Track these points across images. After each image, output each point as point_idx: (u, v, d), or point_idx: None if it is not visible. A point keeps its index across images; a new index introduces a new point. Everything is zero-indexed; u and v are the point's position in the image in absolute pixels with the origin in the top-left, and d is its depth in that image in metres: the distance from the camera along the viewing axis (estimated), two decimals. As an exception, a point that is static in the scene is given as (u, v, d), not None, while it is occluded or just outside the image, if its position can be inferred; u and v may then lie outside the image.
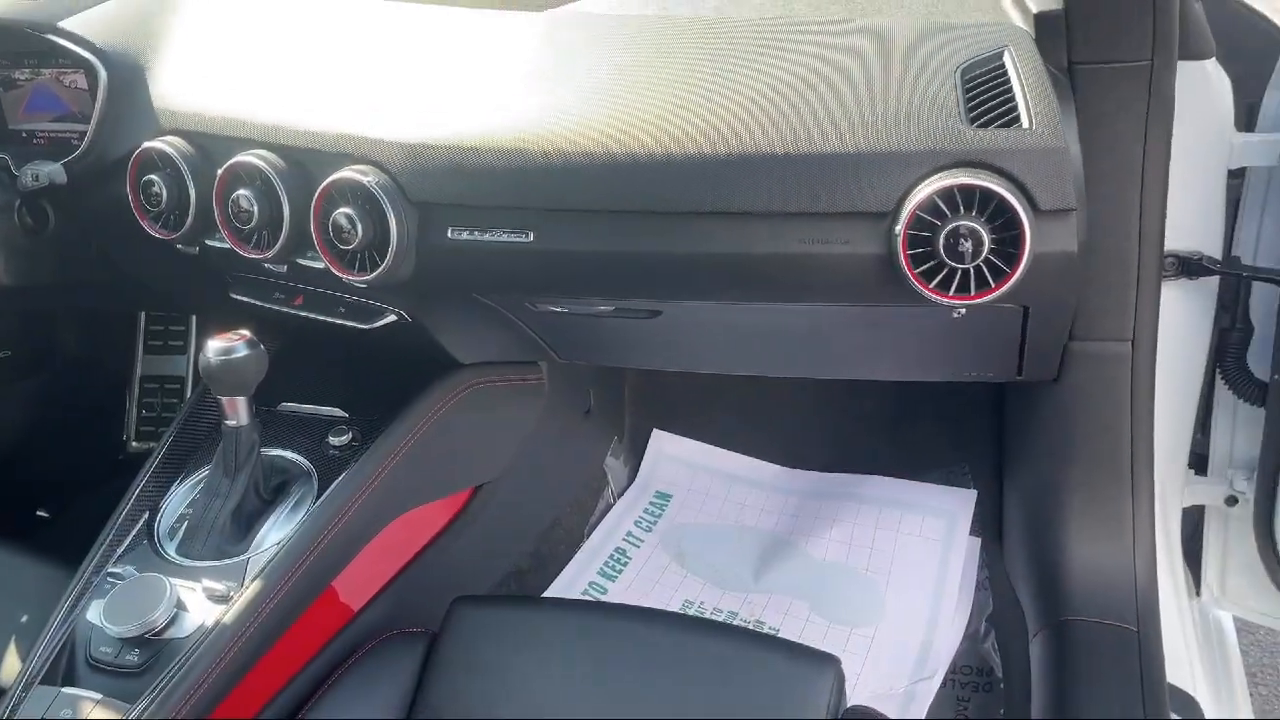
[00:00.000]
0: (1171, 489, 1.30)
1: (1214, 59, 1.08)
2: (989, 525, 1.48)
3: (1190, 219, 1.14)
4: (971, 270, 0.89)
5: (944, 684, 1.37)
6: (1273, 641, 1.76)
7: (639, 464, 1.74)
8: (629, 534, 1.63)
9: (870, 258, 0.92)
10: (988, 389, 1.53)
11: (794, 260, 0.96)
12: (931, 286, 0.90)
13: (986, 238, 0.87)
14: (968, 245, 0.87)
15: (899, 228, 0.89)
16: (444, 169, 1.00)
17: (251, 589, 1.01)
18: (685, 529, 1.63)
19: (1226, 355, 1.23)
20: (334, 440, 1.19)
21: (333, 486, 1.12)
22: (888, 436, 1.67)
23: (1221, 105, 1.10)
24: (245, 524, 1.10)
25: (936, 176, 0.88)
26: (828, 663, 1.01)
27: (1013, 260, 0.88)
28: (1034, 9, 1.00)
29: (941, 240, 0.87)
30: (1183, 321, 1.21)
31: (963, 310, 0.95)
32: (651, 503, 1.69)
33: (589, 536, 1.61)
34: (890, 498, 1.56)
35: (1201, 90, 1.08)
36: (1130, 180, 1.04)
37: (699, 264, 0.99)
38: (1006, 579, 1.40)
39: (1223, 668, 1.37)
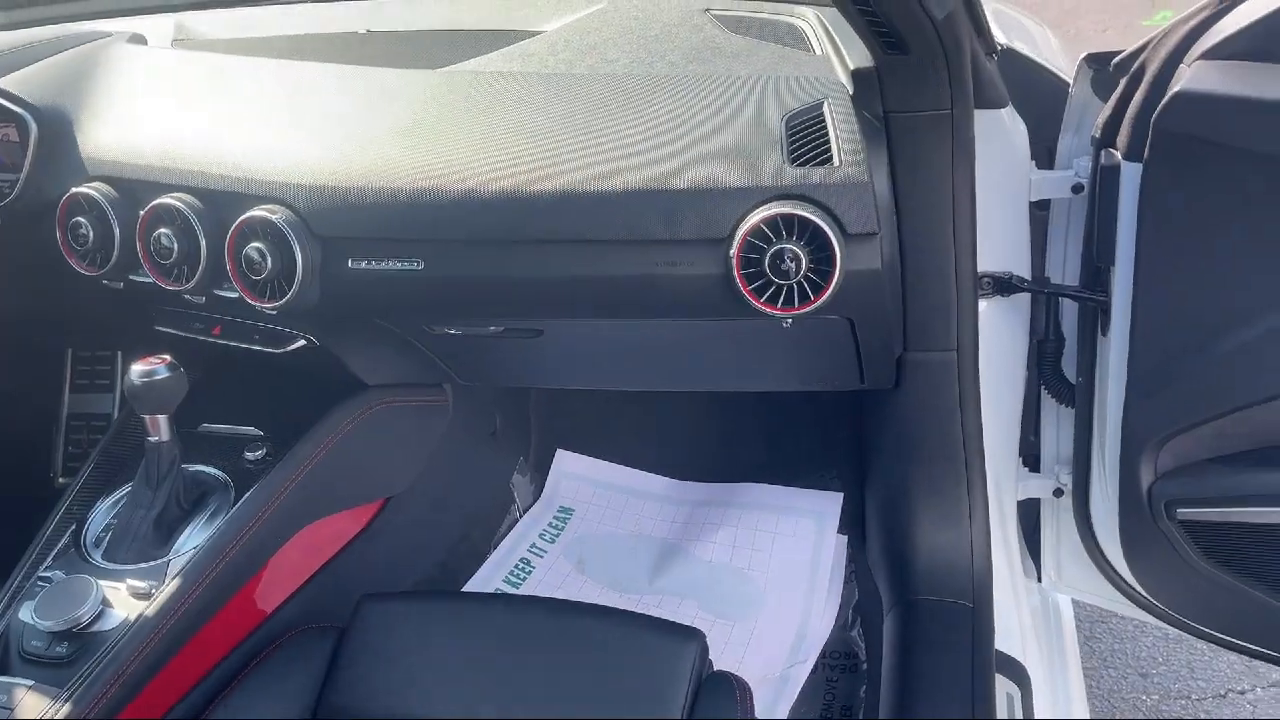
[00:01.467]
0: (1006, 483, 1.46)
1: (1009, 108, 1.26)
2: (854, 523, 1.64)
3: (1000, 244, 1.31)
4: (795, 286, 1.05)
5: (815, 668, 1.51)
6: (1124, 629, 1.94)
7: (544, 482, 1.87)
8: (534, 545, 1.75)
9: (712, 277, 1.08)
10: (849, 401, 1.70)
11: (650, 281, 1.11)
12: (762, 301, 1.06)
13: (805, 258, 1.03)
14: (790, 264, 1.03)
15: (733, 251, 1.05)
16: (344, 206, 1.14)
17: (171, 587, 1.12)
18: (586, 539, 1.77)
19: (1043, 363, 1.40)
20: (249, 455, 1.30)
21: (246, 496, 1.23)
22: (767, 447, 1.83)
23: (1019, 146, 1.28)
24: (166, 531, 1.20)
25: (763, 207, 1.04)
26: (692, 636, 1.15)
27: (828, 276, 1.04)
28: (852, 65, 1.18)
29: (768, 261, 1.04)
30: (1002, 334, 1.38)
31: (789, 321, 1.11)
32: (555, 517, 1.82)
33: (496, 549, 1.73)
34: (768, 503, 1.72)
35: (1001, 134, 1.26)
36: (943, 211, 1.21)
37: (570, 286, 1.14)
38: (869, 571, 1.56)
39: (1058, 643, 1.53)
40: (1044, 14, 1.11)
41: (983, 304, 1.33)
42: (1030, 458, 1.50)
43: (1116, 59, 1.14)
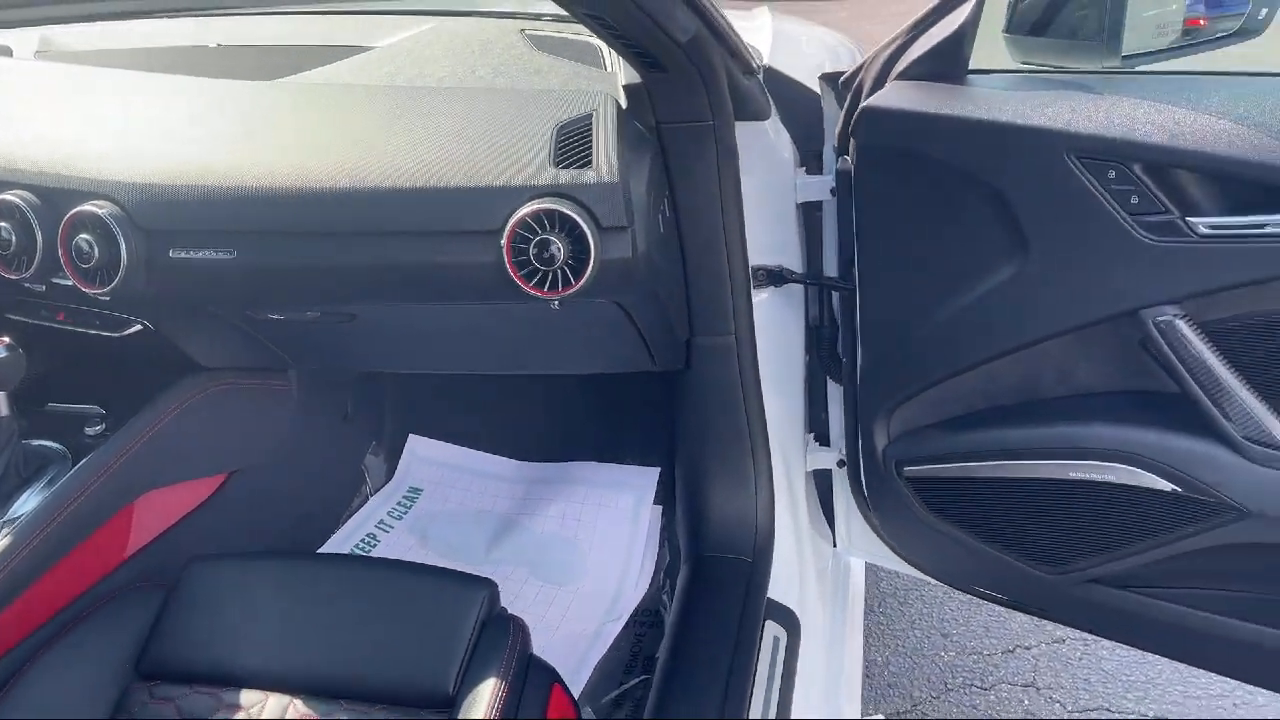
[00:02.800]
0: (794, 455, 1.63)
1: (773, 119, 1.43)
2: (670, 495, 1.81)
3: (772, 241, 1.48)
4: (558, 272, 1.20)
5: (628, 624, 1.67)
6: (934, 595, 2.13)
7: (397, 464, 2.01)
8: (381, 522, 1.89)
9: (488, 265, 1.23)
10: (666, 384, 1.86)
11: (439, 268, 1.26)
12: (531, 285, 1.21)
13: (565, 247, 1.19)
14: (553, 253, 1.19)
15: (503, 241, 1.20)
16: (166, 202, 1.27)
17: (2, 543, 1.24)
18: (430, 516, 1.91)
19: (819, 346, 1.57)
20: (89, 431, 1.42)
21: (78, 466, 1.35)
22: (600, 428, 1.99)
23: (784, 154, 1.45)
24: (4, 498, 1.32)
25: (530, 203, 1.20)
26: (482, 584, 1.29)
27: (586, 263, 1.20)
28: (624, 81, 1.34)
29: (533, 250, 1.19)
30: (780, 321, 1.54)
31: (557, 303, 1.26)
32: (404, 497, 1.95)
33: (344, 525, 1.86)
34: (596, 479, 1.88)
35: (765, 143, 1.43)
36: (713, 211, 1.38)
37: (371, 274, 1.28)
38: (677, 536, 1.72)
39: (843, 600, 1.71)
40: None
41: (761, 294, 1.49)
42: (822, 433, 1.68)
43: (842, 78, 1.32)
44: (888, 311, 1.30)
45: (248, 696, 1.20)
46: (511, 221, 1.19)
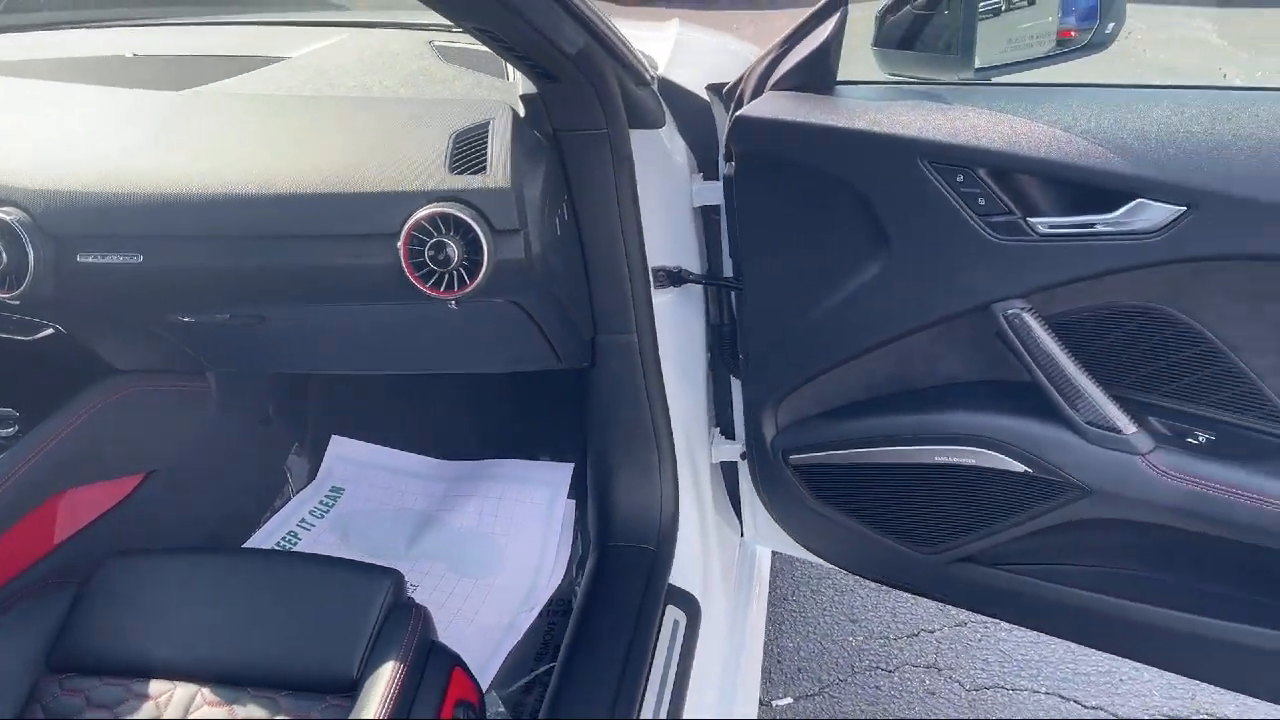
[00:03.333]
0: (699, 449, 1.70)
1: (668, 127, 1.50)
2: (584, 489, 1.87)
3: (672, 244, 1.55)
4: (454, 273, 1.26)
5: (541, 615, 1.73)
6: (845, 583, 2.21)
7: (320, 464, 2.05)
8: (303, 520, 1.93)
9: (388, 266, 1.28)
10: (580, 381, 1.93)
11: (339, 269, 1.31)
12: (428, 286, 1.27)
13: (460, 250, 1.25)
14: (446, 255, 1.25)
15: (400, 244, 1.26)
16: (73, 208, 1.31)
17: (-89, 542, 1.27)
18: (352, 515, 1.95)
19: (720, 344, 1.65)
20: (2, 431, 1.46)
21: None
22: (516, 426, 2.05)
23: (679, 160, 1.52)
24: (-85, 499, 1.35)
25: (426, 207, 1.26)
26: (387, 574, 1.34)
27: (480, 264, 1.26)
28: (522, 91, 1.40)
29: (428, 252, 1.25)
30: (682, 320, 1.61)
31: (454, 303, 1.32)
32: (326, 496, 2.00)
33: (265, 523, 1.90)
34: (513, 475, 1.94)
35: (661, 150, 1.49)
36: (611, 215, 1.44)
37: (276, 276, 1.33)
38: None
39: (748, 586, 1.78)
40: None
41: (663, 294, 1.56)
42: (728, 427, 1.75)
43: (725, 88, 1.39)
44: (769, 309, 1.38)
45: (156, 686, 1.24)
46: (408, 225, 1.25)
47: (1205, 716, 1.85)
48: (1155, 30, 6.19)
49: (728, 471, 1.77)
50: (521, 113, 1.39)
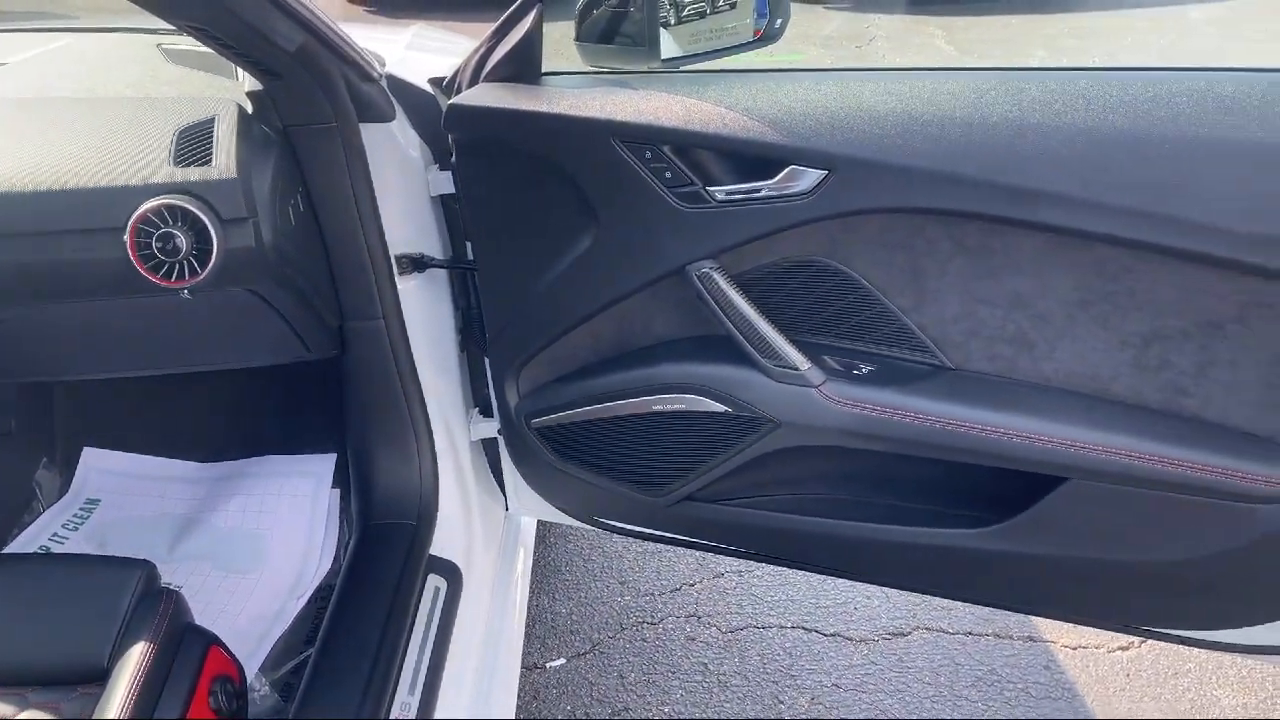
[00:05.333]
0: (457, 427, 1.79)
1: (399, 120, 1.58)
2: (347, 477, 1.92)
3: (413, 231, 1.63)
4: (183, 263, 1.30)
5: (310, 601, 1.77)
6: (614, 548, 2.36)
7: (72, 478, 2.00)
8: (55, 534, 1.88)
9: (116, 260, 1.31)
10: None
11: (68, 265, 1.32)
12: (158, 277, 1.30)
13: (188, 240, 1.29)
14: (174, 245, 1.29)
15: (126, 236, 1.28)
16: None
17: None
18: (110, 524, 1.92)
19: (470, 325, 1.74)
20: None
21: None
22: (278, 422, 2.08)
23: (412, 152, 1.60)
24: None
25: (151, 201, 1.29)
26: (137, 564, 1.36)
27: (210, 253, 1.30)
28: (247, 88, 1.45)
29: (156, 243, 1.28)
30: (430, 303, 1.70)
31: (186, 292, 1.36)
32: (81, 509, 1.95)
33: (13, 541, 1.84)
34: (276, 470, 1.96)
35: (394, 143, 1.57)
36: (348, 205, 1.51)
37: (5, 274, 1.33)
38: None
39: (512, 554, 1.89)
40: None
41: (408, 281, 1.64)
42: (486, 406, 1.84)
43: (444, 81, 1.49)
44: (502, 285, 1.49)
45: None
46: (133, 217, 1.28)
47: (924, 628, 2.11)
48: (894, 38, 6.83)
49: (489, 448, 1.86)
50: (249, 109, 1.45)
